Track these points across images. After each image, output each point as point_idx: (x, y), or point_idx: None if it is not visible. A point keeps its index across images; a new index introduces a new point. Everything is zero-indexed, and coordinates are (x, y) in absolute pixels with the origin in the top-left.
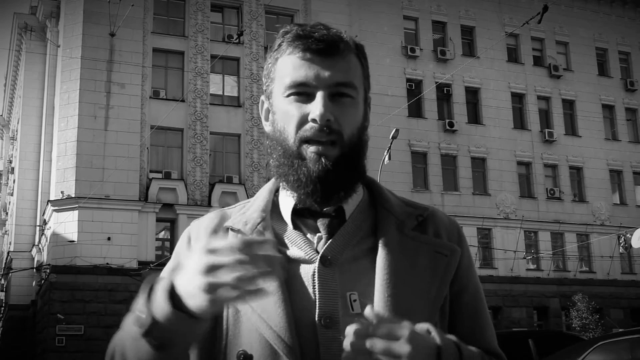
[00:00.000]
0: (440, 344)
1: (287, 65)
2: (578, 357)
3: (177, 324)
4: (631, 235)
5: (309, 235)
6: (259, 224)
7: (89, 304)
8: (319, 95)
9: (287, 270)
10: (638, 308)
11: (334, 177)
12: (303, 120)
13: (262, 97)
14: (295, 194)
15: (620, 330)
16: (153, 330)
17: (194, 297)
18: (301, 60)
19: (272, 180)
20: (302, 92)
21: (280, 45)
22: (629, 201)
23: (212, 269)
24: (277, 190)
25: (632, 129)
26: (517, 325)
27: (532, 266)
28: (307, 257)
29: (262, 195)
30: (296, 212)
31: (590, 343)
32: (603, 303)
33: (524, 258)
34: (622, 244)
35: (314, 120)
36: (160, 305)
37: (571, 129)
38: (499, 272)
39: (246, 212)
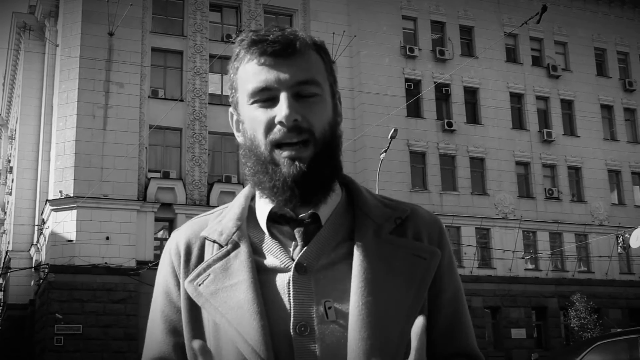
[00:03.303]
0: None
1: (248, 73)
2: (576, 357)
3: None
4: (629, 235)
5: (285, 243)
6: (234, 233)
7: (88, 304)
8: (282, 96)
9: (263, 280)
10: (636, 308)
11: (310, 179)
12: (270, 125)
13: (231, 109)
14: (274, 201)
15: (619, 330)
16: None
17: None
18: (259, 65)
19: (249, 185)
20: (266, 97)
21: (238, 54)
22: (627, 201)
23: None
24: (254, 196)
25: (630, 129)
26: (516, 326)
27: (530, 266)
28: (282, 266)
29: (239, 202)
30: (272, 219)
31: (588, 343)
32: (601, 303)
33: (523, 258)
34: (620, 244)
35: (281, 123)
36: None
37: (570, 129)
38: (498, 272)
39: (222, 220)
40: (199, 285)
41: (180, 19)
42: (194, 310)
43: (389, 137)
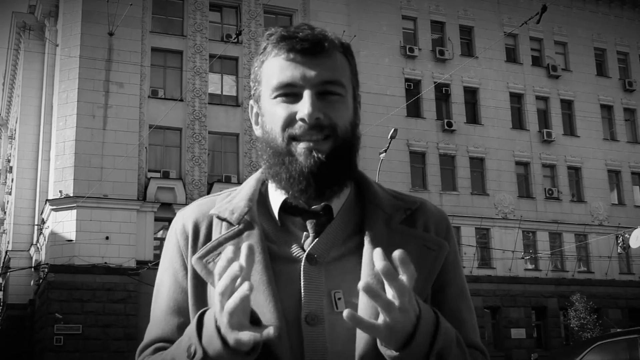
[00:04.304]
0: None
1: (273, 67)
2: (576, 357)
3: (228, 359)
4: (629, 235)
5: (296, 233)
6: (246, 213)
7: (87, 304)
8: (306, 94)
9: (274, 268)
10: (636, 308)
11: (327, 171)
12: (291, 120)
13: (251, 102)
14: (290, 192)
15: (619, 330)
16: None
17: (235, 339)
18: (286, 61)
19: (260, 170)
20: (289, 92)
21: (265, 48)
22: (627, 201)
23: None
24: (264, 181)
25: (630, 129)
26: (516, 326)
27: (530, 266)
28: (293, 256)
29: (250, 184)
30: (284, 209)
31: (588, 343)
32: (601, 303)
33: (522, 258)
34: (620, 244)
35: (302, 120)
36: (213, 343)
37: (569, 129)
38: (497, 272)
39: (233, 200)
40: (209, 263)
41: (180, 18)
42: (200, 288)
43: (388, 137)
